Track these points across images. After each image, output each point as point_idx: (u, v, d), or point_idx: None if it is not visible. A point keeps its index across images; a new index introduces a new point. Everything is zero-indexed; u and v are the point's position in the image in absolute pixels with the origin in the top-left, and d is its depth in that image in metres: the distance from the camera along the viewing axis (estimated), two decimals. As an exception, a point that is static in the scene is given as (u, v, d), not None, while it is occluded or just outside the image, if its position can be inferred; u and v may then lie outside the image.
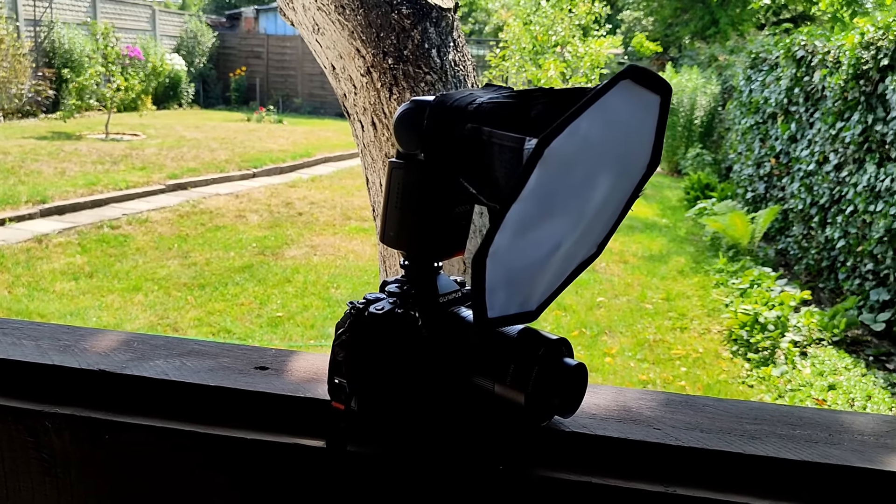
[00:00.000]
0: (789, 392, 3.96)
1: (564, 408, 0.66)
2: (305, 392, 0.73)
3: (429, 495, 0.68)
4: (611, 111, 0.56)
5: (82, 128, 11.78)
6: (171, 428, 0.71)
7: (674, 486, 0.64)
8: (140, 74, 13.95)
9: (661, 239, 7.37)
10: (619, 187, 0.64)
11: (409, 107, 0.67)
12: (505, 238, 0.56)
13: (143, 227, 6.64)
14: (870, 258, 4.82)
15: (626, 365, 4.28)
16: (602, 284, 5.75)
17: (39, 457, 0.74)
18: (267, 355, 0.81)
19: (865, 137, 5.05)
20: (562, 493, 0.65)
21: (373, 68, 1.71)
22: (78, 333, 0.84)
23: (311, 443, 0.69)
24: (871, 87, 5.02)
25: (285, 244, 6.36)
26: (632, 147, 0.62)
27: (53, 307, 4.65)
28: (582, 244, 0.66)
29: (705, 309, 5.33)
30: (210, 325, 4.54)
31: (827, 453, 0.66)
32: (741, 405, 0.75)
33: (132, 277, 5.30)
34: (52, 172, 8.18)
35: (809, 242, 5.96)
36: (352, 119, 1.87)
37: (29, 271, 5.27)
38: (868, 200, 4.87)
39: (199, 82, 17.87)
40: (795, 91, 6.47)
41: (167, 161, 9.37)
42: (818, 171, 5.82)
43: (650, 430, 0.69)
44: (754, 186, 7.56)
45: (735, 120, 8.75)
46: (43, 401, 0.74)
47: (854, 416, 0.74)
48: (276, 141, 11.91)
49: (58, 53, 13.86)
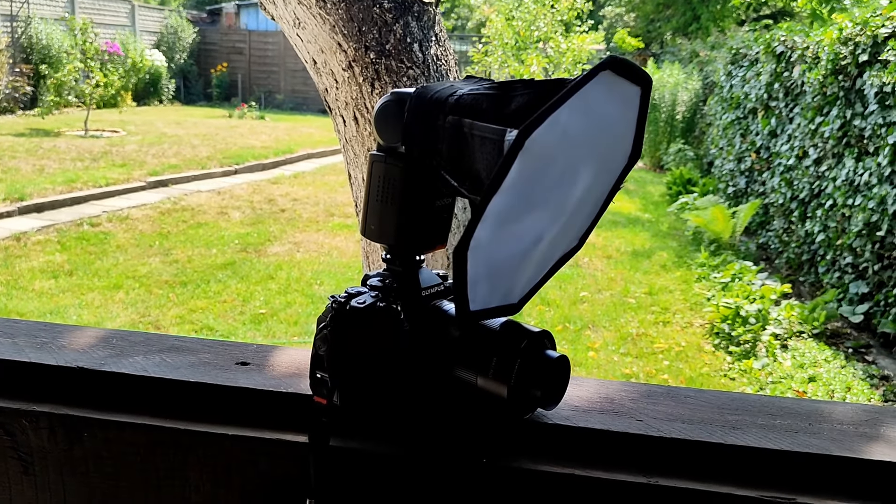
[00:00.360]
0: (770, 384, 3.99)
1: (547, 400, 0.66)
2: (287, 387, 0.72)
3: (412, 489, 0.67)
4: (591, 102, 0.56)
5: (61, 124, 11.65)
6: (152, 425, 0.70)
7: (656, 476, 0.64)
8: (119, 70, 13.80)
9: (643, 234, 7.41)
10: (599, 179, 0.64)
11: (389, 99, 0.67)
12: (486, 231, 0.56)
13: (124, 225, 6.58)
14: (849, 251, 4.87)
15: (609, 359, 4.30)
16: (585, 279, 5.77)
17: (17, 456, 0.73)
18: (248, 351, 0.80)
19: (844, 132, 5.10)
20: (545, 486, 0.65)
21: (354, 63, 1.70)
22: (55, 330, 0.83)
23: (293, 438, 0.69)
24: (849, 82, 5.07)
25: (268, 241, 6.33)
26: (612, 139, 0.62)
27: (32, 306, 4.60)
28: (563, 237, 0.66)
29: (688, 303, 5.37)
30: (192, 322, 4.51)
31: (807, 443, 0.66)
32: (722, 396, 0.75)
33: (113, 275, 5.25)
34: (31, 170, 8.09)
35: (790, 236, 6.02)
36: (334, 114, 1.86)
37: (7, 270, 5.21)
38: (847, 194, 4.92)
39: (180, 78, 17.72)
40: (775, 86, 6.52)
41: (148, 158, 9.29)
42: (798, 165, 5.87)
43: (632, 421, 0.69)
44: (735, 181, 7.62)
45: (716, 115, 8.80)
46: (20, 399, 0.73)
47: (833, 406, 0.75)
48: (258, 137, 11.84)
49: (35, 49, 13.68)
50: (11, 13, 13.63)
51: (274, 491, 0.69)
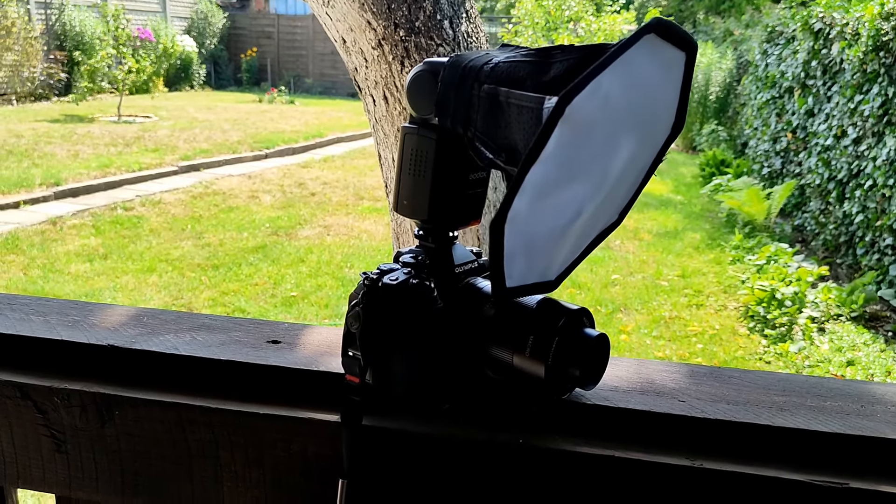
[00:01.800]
0: (807, 368, 3.92)
1: (586, 380, 0.64)
2: (319, 365, 0.71)
3: (447, 469, 0.66)
4: (634, 68, 0.53)
5: (94, 110, 11.80)
6: (182, 403, 0.69)
7: (700, 459, 0.62)
8: (151, 56, 13.94)
9: (675, 216, 7.31)
10: (642, 150, 0.61)
11: (421, 69, 0.64)
12: (524, 203, 0.53)
13: (157, 209, 6.65)
14: (889, 233, 4.75)
15: (641, 342, 4.25)
16: (617, 262, 5.71)
17: (50, 433, 0.73)
18: (279, 329, 0.79)
19: (885, 110, 4.96)
20: (583, 467, 0.63)
21: (384, 41, 1.68)
22: (87, 309, 0.83)
23: (325, 417, 0.67)
24: (891, 58, 4.92)
25: (298, 224, 6.35)
26: (655, 107, 0.59)
27: (68, 288, 4.67)
28: (603, 211, 0.63)
29: (721, 286, 5.29)
30: (224, 305, 4.55)
31: (860, 425, 0.63)
32: (768, 377, 0.72)
33: (146, 258, 5.31)
34: (66, 155, 8.20)
35: (827, 218, 5.89)
36: (363, 93, 1.84)
37: (44, 253, 5.30)
38: (888, 174, 4.79)
39: (211, 63, 17.83)
40: (813, 64, 6.36)
41: (179, 143, 9.37)
42: (836, 145, 5.73)
43: (674, 402, 0.66)
44: (770, 162, 7.47)
45: (751, 95, 8.63)
46: (52, 376, 0.72)
47: (887, 387, 0.72)
48: (288, 122, 11.88)
49: (69, 36, 13.84)
50: (46, 0, 13.80)
51: (306, 470, 0.68)
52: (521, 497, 0.65)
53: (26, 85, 12.57)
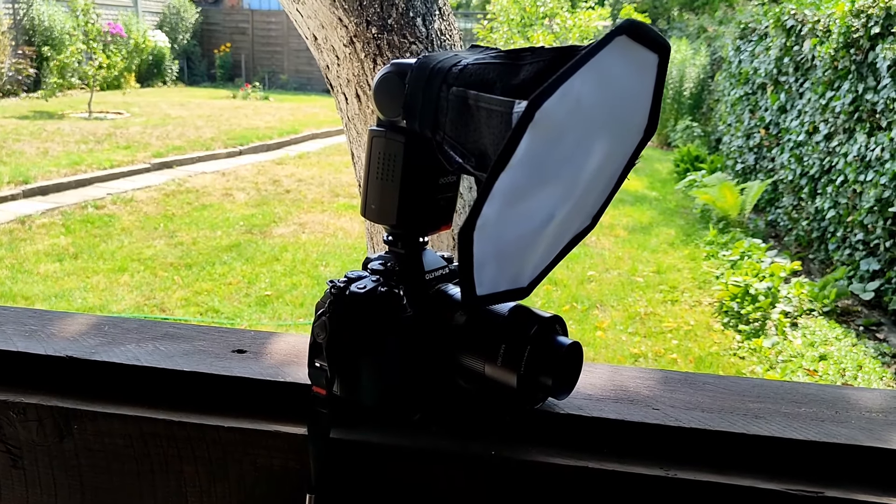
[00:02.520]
0: (781, 363, 3.96)
1: (559, 389, 0.63)
2: (285, 376, 0.69)
3: (418, 482, 0.64)
4: (606, 70, 0.52)
5: (65, 107, 11.60)
6: (144, 416, 0.67)
7: (674, 469, 0.61)
8: (122, 52, 13.74)
9: (651, 212, 7.35)
10: (614, 154, 0.60)
11: (389, 70, 0.62)
12: (493, 209, 0.52)
13: (129, 207, 6.56)
14: (860, 228, 4.81)
15: (617, 339, 4.27)
16: (593, 258, 5.73)
17: (5, 448, 0.70)
18: (245, 337, 0.77)
19: (856, 107, 5.02)
20: (557, 479, 0.62)
21: (356, 38, 1.66)
22: (45, 318, 0.80)
23: (292, 429, 0.65)
24: (861, 55, 4.98)
25: (273, 222, 6.30)
26: (628, 110, 0.58)
27: (38, 289, 4.58)
28: (576, 215, 0.62)
29: (696, 281, 5.32)
30: (197, 304, 4.49)
31: (834, 432, 0.63)
32: (743, 382, 0.72)
33: (118, 258, 5.23)
34: (35, 152, 8.05)
35: (799, 213, 5.95)
36: (335, 91, 1.82)
37: (12, 253, 5.20)
38: (858, 170, 4.85)
39: (184, 59, 17.61)
40: (785, 61, 6.42)
41: (152, 139, 9.25)
42: (808, 141, 5.79)
43: (648, 410, 0.65)
44: (744, 158, 7.53)
45: (724, 91, 8.69)
46: (7, 390, 0.70)
47: (860, 392, 0.71)
48: (263, 118, 11.77)
49: (38, 31, 13.59)
50: (13, -5, 13.54)
51: (273, 485, 0.66)
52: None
53: (-6, 81, 12.34)
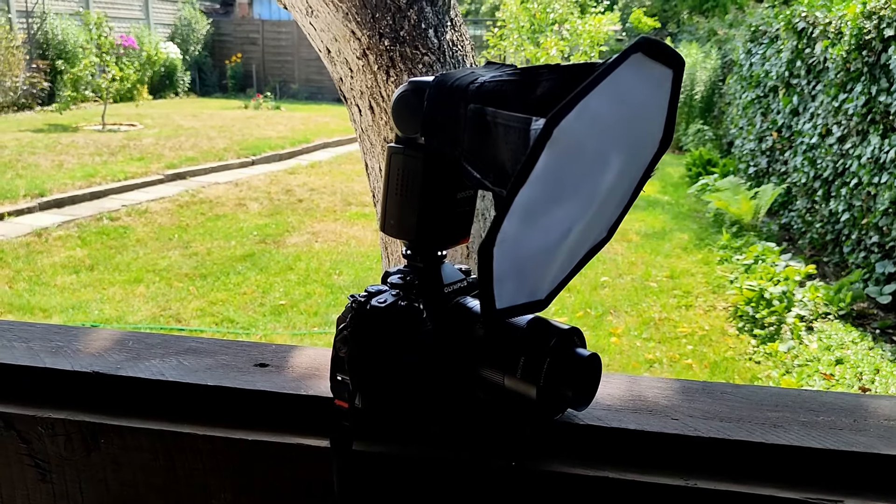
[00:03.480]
0: (797, 367, 3.93)
1: (578, 400, 0.63)
2: (307, 389, 0.70)
3: (439, 494, 0.65)
4: (622, 87, 0.53)
5: (79, 119, 11.71)
6: (169, 430, 0.68)
7: (694, 478, 0.62)
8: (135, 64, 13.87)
9: (663, 216, 7.33)
10: (630, 167, 0.61)
11: (407, 89, 0.64)
12: (513, 225, 0.53)
13: (143, 218, 6.61)
14: (875, 230, 4.78)
15: (632, 344, 4.26)
16: (606, 264, 5.72)
17: (34, 463, 0.71)
18: (267, 351, 0.78)
19: (869, 109, 5.00)
20: (577, 489, 0.62)
21: (369, 50, 1.67)
22: (71, 333, 0.81)
23: (315, 442, 0.66)
24: (874, 57, 4.95)
25: (286, 232, 6.33)
26: (644, 124, 0.58)
27: (55, 301, 4.63)
28: (592, 228, 0.63)
29: (710, 286, 5.31)
30: (213, 315, 4.52)
31: (852, 440, 0.63)
32: (761, 391, 0.72)
33: (133, 269, 5.27)
34: (50, 165, 8.14)
35: (813, 216, 5.92)
36: (349, 103, 1.83)
37: (29, 266, 5.25)
38: (872, 172, 4.82)
39: (195, 70, 17.74)
40: (797, 63, 6.40)
41: (165, 151, 9.32)
42: (821, 143, 5.76)
43: (667, 420, 0.66)
44: (756, 161, 7.51)
45: (736, 94, 8.67)
46: (35, 405, 0.71)
47: (878, 400, 0.71)
48: (275, 128, 11.84)
49: (51, 45, 13.74)
50: (27, 9, 13.70)
51: (297, 498, 0.67)
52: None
53: (9, 95, 12.47)
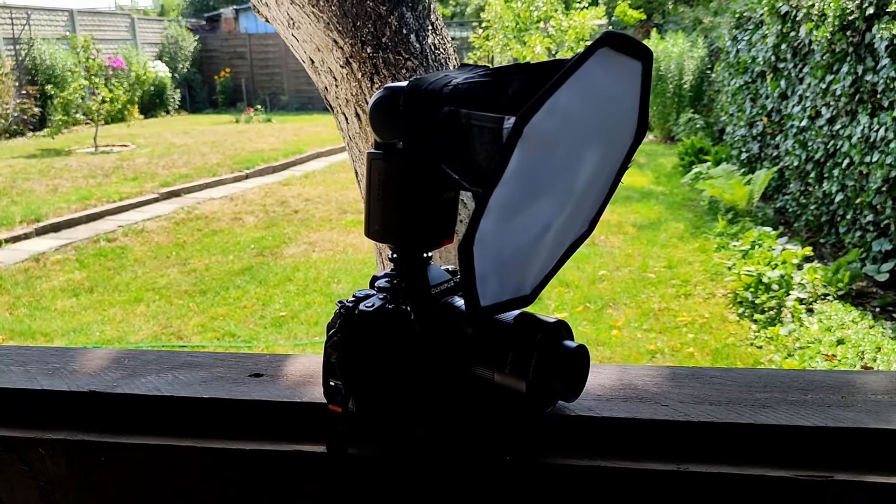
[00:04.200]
0: (798, 350, 3.94)
1: (567, 392, 0.64)
2: (302, 396, 0.71)
3: (436, 492, 0.66)
4: (590, 82, 0.54)
5: (71, 143, 11.73)
6: (168, 445, 0.69)
7: (686, 463, 0.62)
8: (124, 84, 13.86)
9: (658, 207, 7.34)
10: (606, 161, 0.62)
11: (382, 94, 0.65)
12: (490, 223, 0.54)
13: (140, 238, 6.62)
14: (869, 209, 4.80)
15: (633, 336, 4.27)
16: (603, 257, 5.73)
17: (36, 484, 0.72)
18: (261, 362, 0.79)
19: (856, 88, 5.01)
20: (571, 480, 0.63)
21: (352, 59, 1.68)
22: (67, 355, 0.82)
23: (311, 448, 0.67)
24: (858, 37, 4.97)
25: (283, 243, 6.34)
26: (616, 118, 0.59)
27: (56, 325, 4.63)
28: (573, 223, 0.64)
29: (708, 273, 5.32)
30: (214, 330, 4.53)
31: (840, 417, 0.64)
32: (749, 374, 0.73)
33: (132, 289, 5.28)
34: (45, 190, 8.15)
35: (807, 198, 5.94)
36: (335, 112, 1.84)
37: (29, 291, 5.26)
38: (863, 152, 4.83)
39: (185, 87, 17.76)
40: (782, 47, 6.42)
41: (159, 169, 9.33)
42: (811, 126, 5.78)
43: (658, 407, 0.67)
44: (748, 147, 7.52)
45: (724, 81, 8.69)
46: (34, 427, 0.72)
47: (866, 376, 0.72)
48: (267, 140, 11.85)
49: (40, 70, 13.76)
50: (14, 36, 13.71)
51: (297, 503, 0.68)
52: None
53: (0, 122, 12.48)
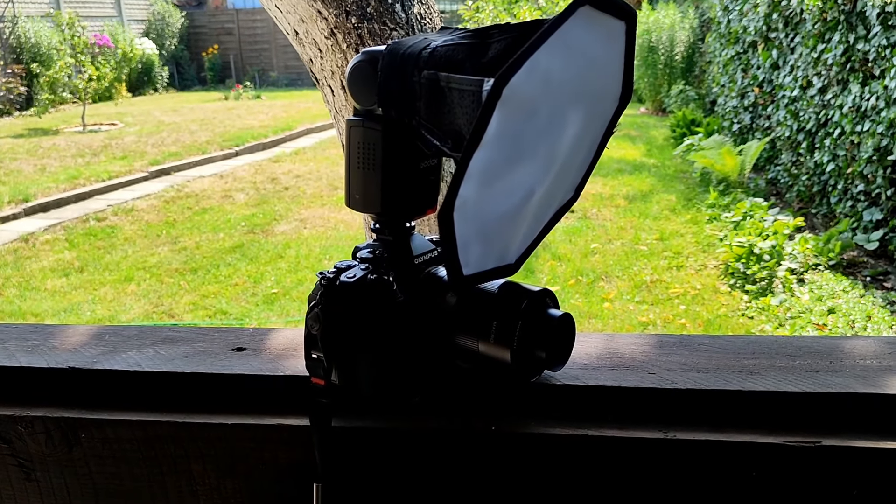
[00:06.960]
0: (790, 320, 3.96)
1: (553, 361, 0.63)
2: (285, 370, 0.70)
3: (422, 462, 0.65)
4: (572, 42, 0.52)
5: (58, 122, 11.61)
6: (149, 420, 0.68)
7: (673, 430, 0.62)
8: (111, 62, 13.71)
9: (650, 179, 7.33)
10: (590, 125, 0.60)
11: (360, 59, 0.63)
12: (471, 189, 0.52)
13: (130, 217, 6.57)
14: (860, 179, 4.79)
15: (625, 308, 4.27)
16: (595, 230, 5.73)
17: (17, 462, 0.71)
18: (244, 335, 0.78)
19: (848, 58, 4.99)
20: (558, 449, 0.62)
21: (336, 29, 1.66)
22: (47, 332, 0.81)
23: (295, 422, 0.66)
24: (849, 5, 4.94)
25: (274, 220, 6.31)
26: (600, 80, 0.58)
27: (46, 305, 4.61)
28: (557, 188, 0.62)
29: (700, 245, 5.32)
30: (205, 308, 4.51)
31: (829, 382, 0.63)
32: (737, 340, 0.72)
33: (123, 268, 5.25)
34: (33, 170, 8.07)
35: (799, 169, 5.93)
36: (321, 84, 1.82)
37: (18, 272, 5.22)
38: (855, 121, 4.82)
39: (173, 65, 17.56)
40: (774, 17, 6.37)
41: (147, 147, 9.25)
42: (803, 96, 5.75)
43: (645, 375, 0.66)
44: (740, 118, 7.50)
45: (715, 52, 8.64)
46: (13, 405, 0.71)
47: (855, 341, 0.72)
48: (256, 117, 11.75)
49: (25, 48, 13.56)
50: (-3, 14, 13.51)
51: (280, 477, 0.67)
52: (498, 483, 0.64)
53: (-14, 102, 12.35)
